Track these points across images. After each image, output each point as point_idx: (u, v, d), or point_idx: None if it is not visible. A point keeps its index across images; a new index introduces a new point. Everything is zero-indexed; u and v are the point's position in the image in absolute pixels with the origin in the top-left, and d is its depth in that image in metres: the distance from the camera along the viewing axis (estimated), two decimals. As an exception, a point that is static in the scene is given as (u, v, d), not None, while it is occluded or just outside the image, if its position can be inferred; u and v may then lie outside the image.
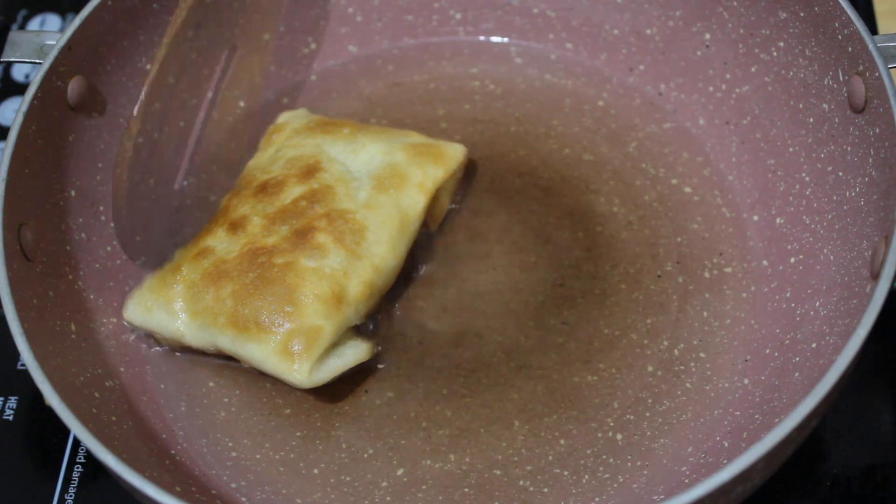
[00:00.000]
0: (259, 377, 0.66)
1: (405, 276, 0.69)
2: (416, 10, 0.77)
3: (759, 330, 0.65)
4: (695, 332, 0.65)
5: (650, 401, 0.64)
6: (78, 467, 0.67)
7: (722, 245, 0.68)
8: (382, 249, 0.65)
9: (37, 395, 0.69)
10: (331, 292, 0.63)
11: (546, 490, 0.61)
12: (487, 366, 0.65)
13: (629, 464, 0.62)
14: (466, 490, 0.62)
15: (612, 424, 0.63)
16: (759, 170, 0.69)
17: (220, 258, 0.65)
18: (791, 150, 0.67)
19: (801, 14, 0.64)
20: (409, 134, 0.69)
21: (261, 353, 0.62)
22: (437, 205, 0.68)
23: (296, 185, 0.66)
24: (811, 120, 0.65)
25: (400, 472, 0.62)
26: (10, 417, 0.69)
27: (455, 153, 0.69)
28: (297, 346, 0.62)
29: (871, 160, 0.60)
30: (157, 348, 0.66)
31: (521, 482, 0.62)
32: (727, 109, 0.71)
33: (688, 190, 0.71)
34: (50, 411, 0.55)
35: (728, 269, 0.67)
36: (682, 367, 0.64)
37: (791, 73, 0.66)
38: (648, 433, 0.63)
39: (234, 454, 0.64)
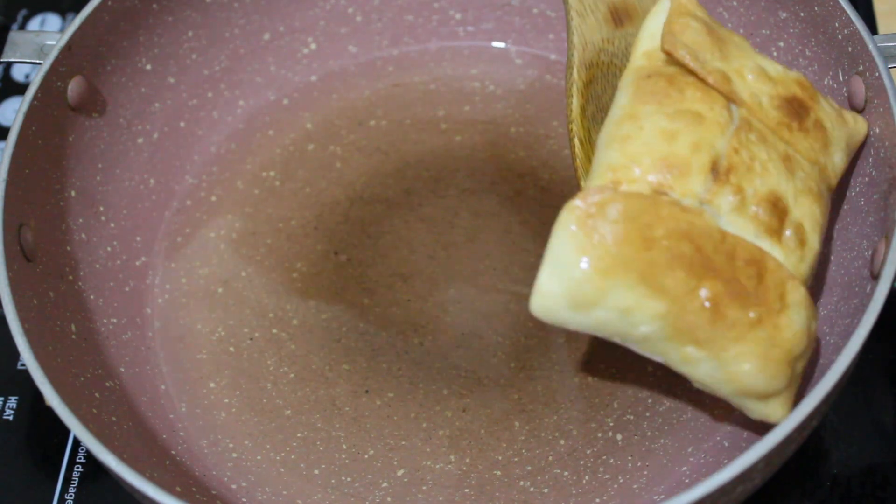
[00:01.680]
0: (260, 378, 0.66)
1: (403, 276, 0.69)
2: (416, 11, 0.77)
3: (760, 330, 0.65)
4: (695, 333, 0.65)
5: (650, 401, 0.64)
6: (78, 467, 0.67)
7: (722, 245, 0.68)
8: None
9: (37, 395, 0.69)
10: None
11: (546, 490, 0.61)
12: (487, 366, 0.65)
13: (629, 464, 0.62)
14: (467, 490, 0.62)
15: (612, 424, 0.63)
16: (759, 170, 0.69)
17: None
18: (791, 150, 0.67)
19: (801, 14, 0.64)
20: None
21: None
22: None
23: None
24: (811, 120, 0.65)
25: (400, 472, 0.62)
26: (10, 417, 0.69)
27: None
28: None
29: (871, 160, 0.60)
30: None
31: (522, 482, 0.62)
32: (727, 110, 0.71)
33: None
34: (50, 411, 0.54)
35: (728, 270, 0.67)
36: (683, 368, 0.64)
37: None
38: (648, 433, 0.63)
39: (234, 455, 0.64)
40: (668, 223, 0.51)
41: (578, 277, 0.51)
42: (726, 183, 0.53)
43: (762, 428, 0.60)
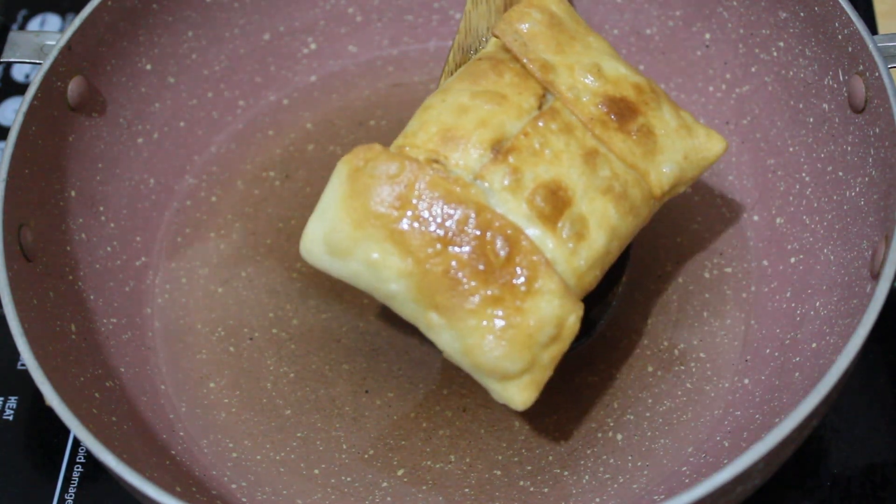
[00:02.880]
0: (260, 378, 0.66)
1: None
2: (416, 11, 0.77)
3: (759, 330, 0.65)
4: (695, 332, 0.66)
5: (650, 401, 0.64)
6: (78, 467, 0.67)
7: (722, 245, 0.68)
8: None
9: (37, 395, 0.69)
10: None
11: (546, 490, 0.61)
12: (487, 366, 0.65)
13: (629, 464, 0.62)
14: (467, 490, 0.62)
15: (612, 424, 0.63)
16: (759, 170, 0.69)
17: None
18: (791, 150, 0.67)
19: (801, 14, 0.65)
20: None
21: None
22: None
23: None
24: (811, 120, 0.65)
25: (400, 472, 0.62)
26: (10, 417, 0.69)
27: None
28: None
29: (871, 160, 0.60)
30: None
31: (522, 482, 0.62)
32: (727, 109, 0.71)
33: (688, 190, 0.70)
34: (50, 411, 0.55)
35: (728, 269, 0.67)
36: (682, 367, 0.65)
37: (791, 73, 0.66)
38: (648, 433, 0.63)
39: (234, 455, 0.64)
40: (424, 188, 0.53)
41: (335, 226, 0.55)
42: (503, 162, 0.55)
43: (762, 428, 0.60)
